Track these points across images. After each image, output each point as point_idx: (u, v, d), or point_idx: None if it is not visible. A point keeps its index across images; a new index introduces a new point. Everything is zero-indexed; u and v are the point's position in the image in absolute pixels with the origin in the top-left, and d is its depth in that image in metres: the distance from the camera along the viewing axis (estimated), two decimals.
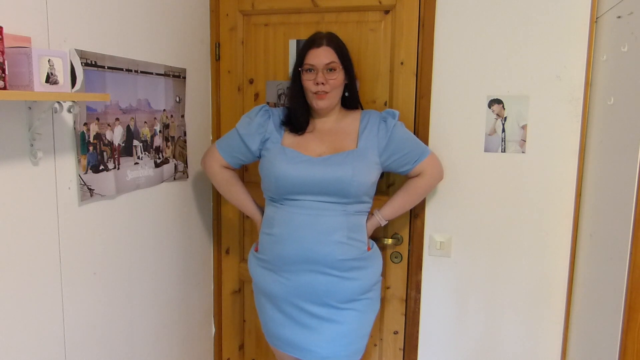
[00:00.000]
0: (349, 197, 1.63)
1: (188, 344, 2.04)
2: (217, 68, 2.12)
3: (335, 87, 1.66)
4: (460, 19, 1.83)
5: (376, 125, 1.70)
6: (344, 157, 1.64)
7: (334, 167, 1.62)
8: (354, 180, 1.60)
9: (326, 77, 1.63)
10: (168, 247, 1.86)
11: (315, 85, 1.63)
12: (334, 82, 1.64)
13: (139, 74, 1.61)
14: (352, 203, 1.65)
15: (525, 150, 1.83)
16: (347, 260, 1.63)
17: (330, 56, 1.64)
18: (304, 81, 1.67)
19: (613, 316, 1.37)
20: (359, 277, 1.66)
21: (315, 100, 1.66)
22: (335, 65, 1.64)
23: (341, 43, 1.69)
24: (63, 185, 1.32)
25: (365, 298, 1.70)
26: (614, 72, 1.52)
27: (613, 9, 1.53)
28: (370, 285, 1.71)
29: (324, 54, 1.63)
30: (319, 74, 1.63)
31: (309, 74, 1.65)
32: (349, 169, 1.60)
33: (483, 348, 1.97)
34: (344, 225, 1.63)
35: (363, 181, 1.62)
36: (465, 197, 1.91)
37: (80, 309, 1.41)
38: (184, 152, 1.92)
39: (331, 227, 1.62)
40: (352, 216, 1.66)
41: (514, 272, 1.90)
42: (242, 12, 2.07)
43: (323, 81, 1.63)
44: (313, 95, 1.66)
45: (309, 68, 1.65)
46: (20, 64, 1.08)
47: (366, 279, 1.69)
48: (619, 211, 1.38)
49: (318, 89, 1.63)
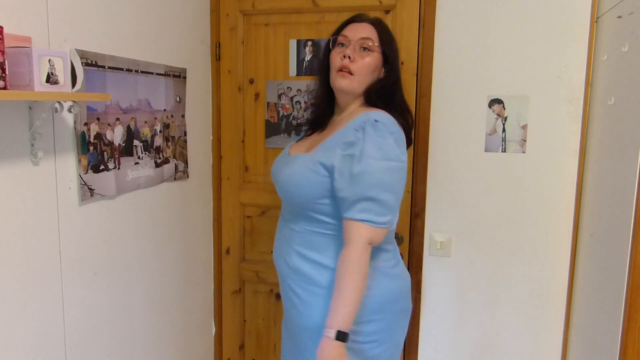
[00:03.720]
0: (292, 205, 1.38)
1: (188, 344, 2.04)
2: (217, 68, 2.12)
3: (364, 70, 1.35)
4: (460, 19, 1.83)
5: (351, 131, 1.29)
6: (294, 159, 1.38)
7: (283, 169, 1.39)
8: (287, 185, 1.35)
9: (357, 54, 1.35)
10: (168, 247, 1.86)
11: (342, 59, 1.35)
12: (363, 63, 1.34)
13: (139, 73, 1.61)
14: (300, 217, 1.36)
15: (526, 150, 1.83)
16: (295, 281, 1.38)
17: (369, 32, 1.36)
18: (332, 56, 1.39)
19: (613, 316, 1.37)
20: (302, 309, 1.36)
21: (337, 78, 1.35)
22: (371, 45, 1.35)
23: (388, 30, 1.41)
24: (63, 185, 1.32)
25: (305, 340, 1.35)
26: (614, 72, 1.52)
27: (613, 8, 1.53)
28: (312, 327, 1.32)
29: (363, 29, 1.37)
30: (350, 48, 1.35)
31: (340, 48, 1.38)
32: (287, 172, 1.36)
33: (483, 348, 1.97)
34: (297, 240, 1.37)
35: (299, 192, 1.32)
36: (466, 197, 1.91)
37: (80, 309, 1.41)
38: (184, 152, 1.92)
39: (286, 240, 1.40)
40: (306, 234, 1.36)
41: (514, 272, 1.90)
42: (242, 12, 2.07)
43: (351, 55, 1.34)
44: (337, 73, 1.36)
45: (341, 42, 1.38)
46: (20, 64, 1.08)
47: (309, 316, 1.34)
48: (620, 211, 1.38)
49: (343, 64, 1.34)
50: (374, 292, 1.32)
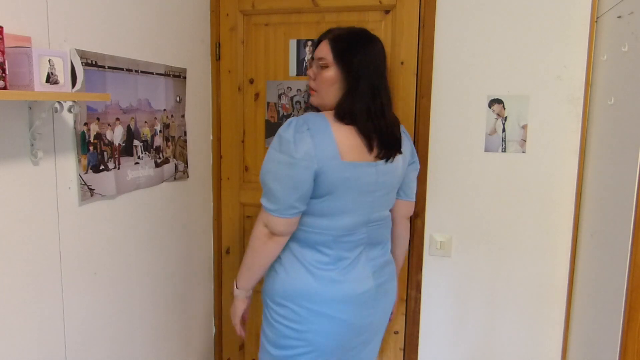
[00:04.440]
0: None
1: (188, 344, 2.04)
2: (217, 68, 2.12)
3: (322, 86, 1.47)
4: (460, 19, 1.83)
5: None
6: None
7: None
8: None
9: (317, 72, 1.49)
10: (168, 247, 1.86)
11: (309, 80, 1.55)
12: (320, 79, 1.47)
13: (139, 73, 1.61)
14: None
15: (526, 150, 1.83)
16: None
17: (324, 50, 1.46)
18: None
19: (613, 316, 1.37)
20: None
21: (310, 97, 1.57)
22: (324, 62, 1.45)
23: (346, 43, 1.46)
24: (63, 185, 1.32)
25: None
26: (614, 72, 1.52)
27: (613, 8, 1.53)
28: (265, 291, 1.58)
29: (320, 48, 1.49)
30: (312, 69, 1.52)
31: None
32: None
33: (483, 348, 1.97)
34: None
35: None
36: (466, 197, 1.91)
37: (80, 309, 1.41)
38: (184, 152, 1.92)
39: None
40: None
41: (514, 272, 1.90)
42: (242, 12, 2.07)
43: (312, 75, 1.51)
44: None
45: (310, 64, 1.60)
46: (20, 64, 1.08)
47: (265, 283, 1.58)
48: (620, 211, 1.38)
49: (309, 84, 1.54)
50: (288, 278, 1.48)
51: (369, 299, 1.51)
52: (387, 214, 1.59)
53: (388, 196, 1.55)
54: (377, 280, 1.54)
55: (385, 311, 1.61)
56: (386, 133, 1.44)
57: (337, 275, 1.46)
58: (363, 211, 1.47)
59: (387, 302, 1.60)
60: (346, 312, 1.48)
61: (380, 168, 1.46)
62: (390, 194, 1.56)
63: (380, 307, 1.57)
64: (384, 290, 1.57)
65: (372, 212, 1.50)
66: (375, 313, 1.56)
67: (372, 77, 1.43)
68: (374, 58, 1.45)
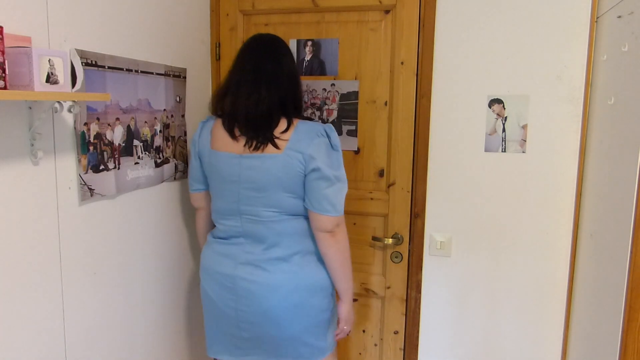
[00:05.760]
0: None
1: (188, 344, 2.04)
2: (217, 68, 2.12)
3: None
4: (460, 19, 1.83)
5: None
6: None
7: None
8: None
9: None
10: (168, 247, 1.86)
11: None
12: None
13: (139, 73, 1.61)
14: None
15: (526, 150, 1.83)
16: None
17: None
18: None
19: (613, 316, 1.37)
20: None
21: None
22: None
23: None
24: (63, 185, 1.32)
25: None
26: (614, 71, 1.52)
27: (613, 8, 1.53)
28: None
29: None
30: None
31: None
32: None
33: (483, 348, 1.97)
34: None
35: None
36: (466, 196, 1.91)
37: (80, 309, 1.41)
38: (184, 151, 1.92)
39: None
40: None
41: (514, 272, 1.90)
42: (242, 12, 2.07)
43: None
44: None
45: None
46: (20, 64, 1.08)
47: None
48: (620, 211, 1.38)
49: None
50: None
51: (227, 282, 1.59)
52: (268, 213, 1.53)
53: (261, 193, 1.52)
54: (241, 273, 1.56)
55: (263, 316, 1.55)
56: (247, 126, 1.53)
57: (216, 244, 1.66)
58: (230, 199, 1.57)
59: (257, 305, 1.55)
60: (205, 280, 1.67)
61: (244, 161, 1.52)
62: (266, 193, 1.51)
63: (244, 303, 1.56)
64: (246, 288, 1.56)
65: (240, 203, 1.56)
66: (237, 307, 1.58)
67: (235, 73, 1.61)
68: (239, 55, 1.63)
